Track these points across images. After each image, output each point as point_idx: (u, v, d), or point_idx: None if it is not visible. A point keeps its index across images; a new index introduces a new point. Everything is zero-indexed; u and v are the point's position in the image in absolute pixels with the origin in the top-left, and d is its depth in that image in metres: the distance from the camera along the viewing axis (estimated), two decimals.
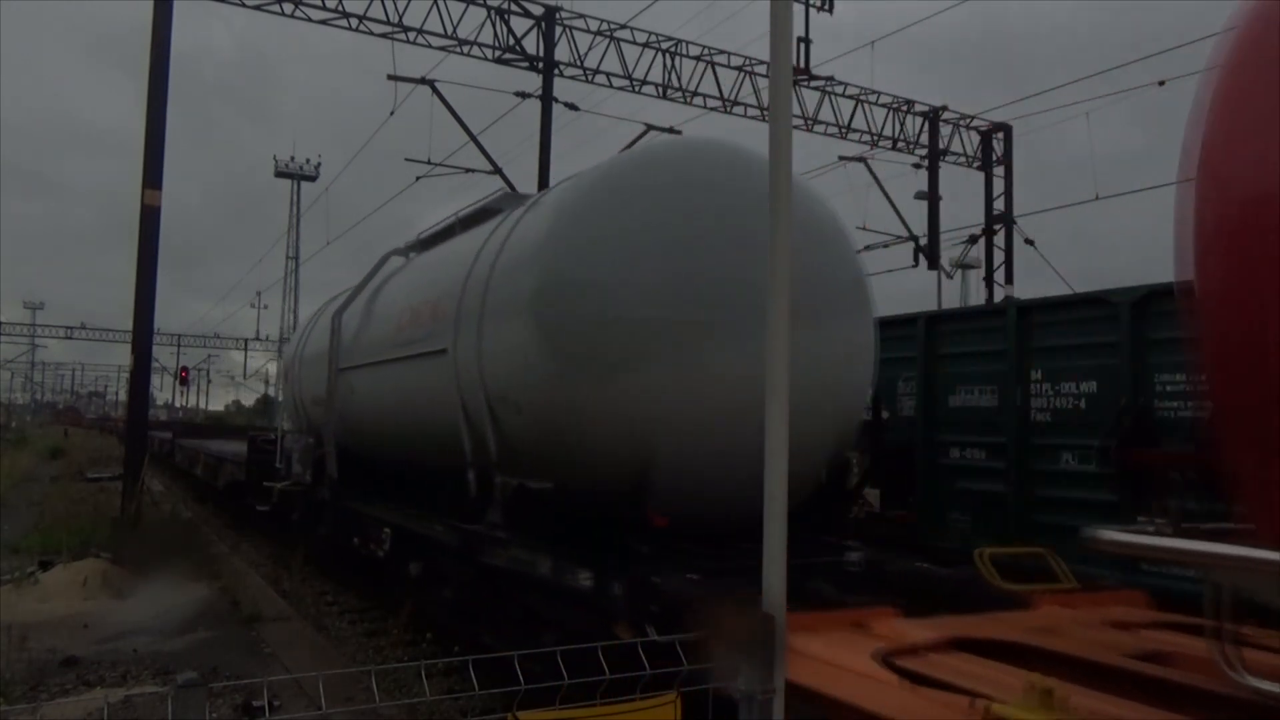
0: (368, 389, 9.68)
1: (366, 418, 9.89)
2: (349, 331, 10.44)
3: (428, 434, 8.01)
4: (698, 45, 20.06)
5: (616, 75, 19.31)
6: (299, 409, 13.05)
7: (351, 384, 10.13)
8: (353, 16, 17.07)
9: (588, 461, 5.72)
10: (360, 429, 10.13)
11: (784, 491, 2.89)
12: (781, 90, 3.04)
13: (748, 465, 4.91)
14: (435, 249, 9.61)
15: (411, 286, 9.15)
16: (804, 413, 5.03)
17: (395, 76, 16.85)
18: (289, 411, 13.34)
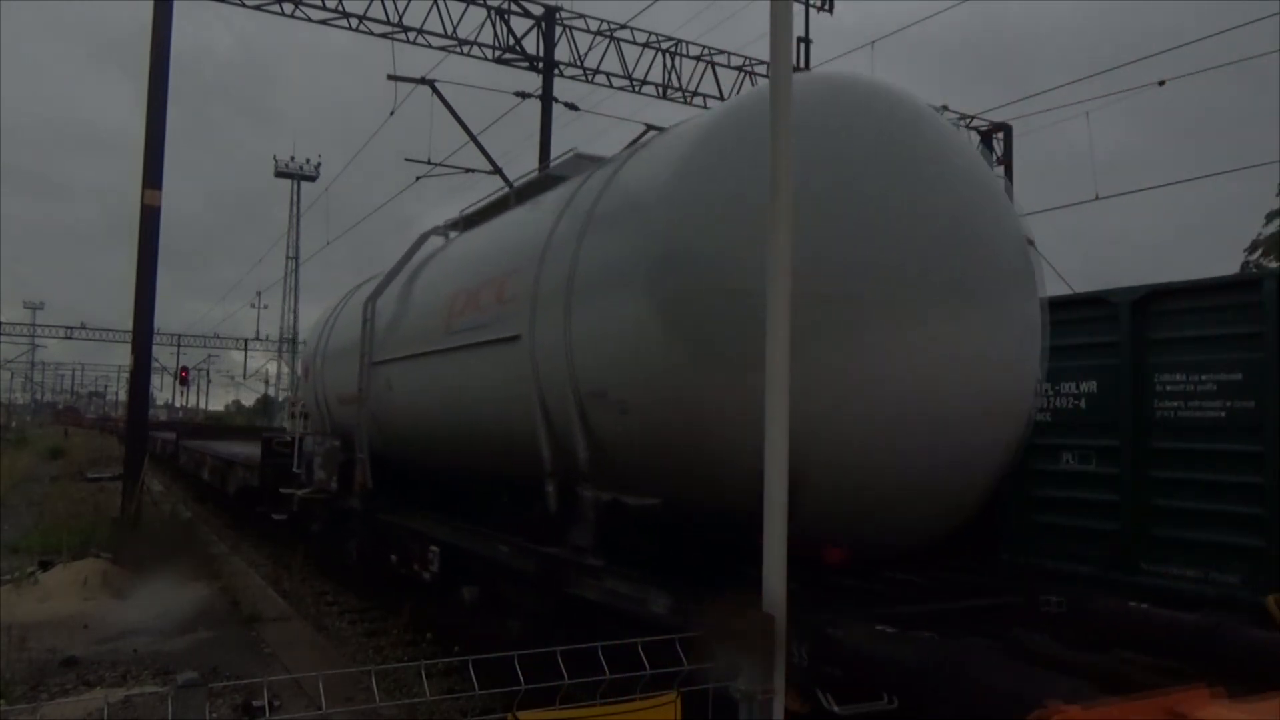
0: (408, 385, 8.45)
1: (406, 418, 8.70)
2: (383, 320, 9.23)
3: (489, 437, 6.92)
4: (698, 45, 20.08)
5: (616, 75, 19.32)
6: (322, 408, 11.69)
7: (388, 379, 8.88)
8: (353, 16, 17.08)
9: (710, 475, 4.58)
10: (399, 431, 8.96)
11: (784, 492, 2.90)
12: (781, 90, 3.05)
13: (919, 474, 4.37)
14: (487, 224, 8.38)
15: (464, 265, 7.87)
16: (973, 416, 4.42)
17: (395, 76, 16.79)
18: (310, 411, 11.96)
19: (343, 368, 10.43)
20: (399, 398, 8.68)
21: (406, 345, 8.39)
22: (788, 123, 3.06)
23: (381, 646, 8.54)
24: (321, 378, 11.74)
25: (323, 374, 11.66)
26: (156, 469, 26.18)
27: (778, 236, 3.00)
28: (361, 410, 9.30)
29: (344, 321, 11.31)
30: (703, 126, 5.18)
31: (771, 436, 2.92)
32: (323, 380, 11.66)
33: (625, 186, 5.53)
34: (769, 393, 2.96)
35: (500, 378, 6.42)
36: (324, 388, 11.59)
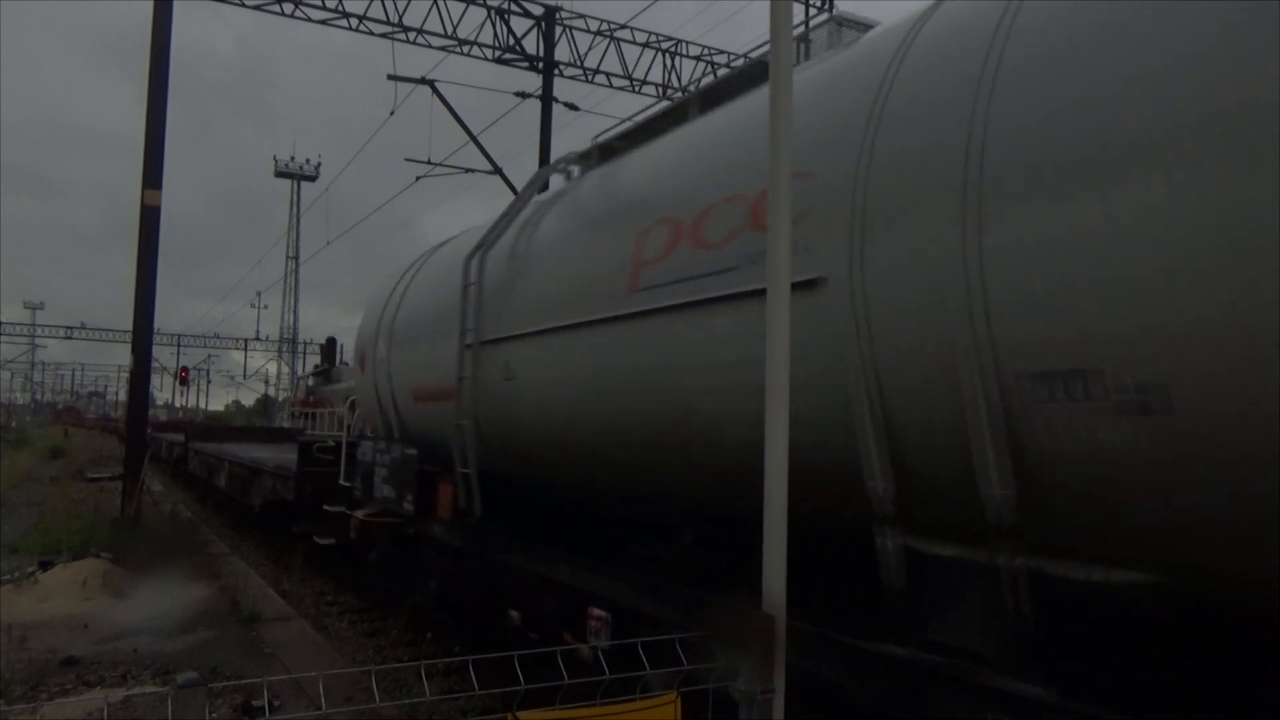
0: (547, 371, 5.96)
1: (541, 418, 6.17)
2: (497, 283, 6.79)
3: (724, 449, 4.37)
4: (698, 45, 20.10)
5: (616, 75, 19.34)
6: (386, 406, 9.11)
7: (507, 365, 6.39)
8: (353, 16, 17.09)
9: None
10: (525, 436, 6.39)
11: (784, 491, 2.89)
12: (781, 90, 3.04)
13: None
14: (667, 136, 5.91)
15: (655, 190, 5.30)
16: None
17: (395, 76, 16.85)
18: (367, 410, 9.83)
19: (424, 352, 8.09)
20: (527, 389, 6.19)
21: (543, 314, 5.95)
22: (788, 122, 3.05)
23: (381, 646, 8.54)
24: (387, 366, 9.02)
25: (389, 361, 8.98)
26: (164, 477, 25.84)
27: (778, 236, 2.99)
28: (462, 407, 6.90)
29: (423, 290, 8.68)
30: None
31: (772, 436, 2.91)
32: (388, 369, 8.97)
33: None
34: (769, 393, 2.96)
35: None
36: (391, 379, 8.90)
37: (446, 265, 8.26)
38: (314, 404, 38.92)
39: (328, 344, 45.70)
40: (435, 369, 7.64)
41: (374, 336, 9.64)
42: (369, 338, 9.85)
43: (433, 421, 7.81)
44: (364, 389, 9.95)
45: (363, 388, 10.03)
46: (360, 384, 10.22)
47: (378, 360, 9.35)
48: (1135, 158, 2.67)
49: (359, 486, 8.72)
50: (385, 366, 9.12)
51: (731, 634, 2.81)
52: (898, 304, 3.38)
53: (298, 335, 58.51)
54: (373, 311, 10.10)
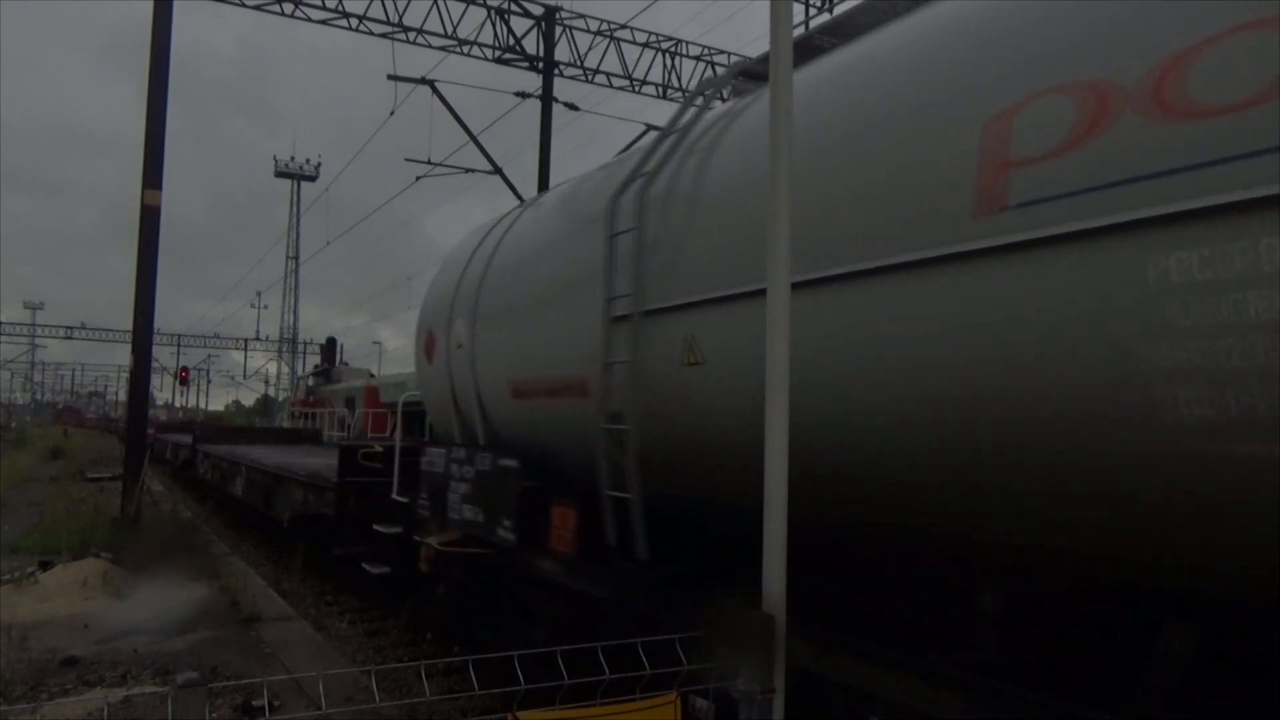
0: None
1: (751, 420, 3.68)
2: (671, 226, 4.75)
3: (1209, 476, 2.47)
4: (698, 45, 20.10)
5: (616, 75, 19.34)
6: (467, 403, 7.15)
7: (690, 342, 4.42)
8: (353, 16, 17.09)
9: None
10: (717, 445, 4.38)
11: (784, 491, 2.89)
12: (781, 90, 3.04)
13: None
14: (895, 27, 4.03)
15: (1016, 43, 3.15)
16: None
17: (395, 76, 16.85)
18: (436, 410, 7.95)
19: (530, 332, 6.13)
20: (726, 378, 4.18)
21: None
22: (788, 122, 3.05)
23: (381, 646, 8.55)
24: (469, 353, 7.06)
25: (473, 347, 7.02)
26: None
27: (778, 236, 2.99)
28: (609, 405, 4.90)
29: (527, 249, 6.63)
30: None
31: (772, 436, 2.91)
32: (471, 357, 7.02)
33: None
34: (769, 392, 2.96)
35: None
36: (476, 370, 6.94)
37: (570, 213, 6.23)
38: (314, 404, 38.97)
39: (328, 344, 45.76)
40: (550, 354, 5.77)
41: (447, 316, 7.57)
42: (439, 318, 7.79)
43: (541, 425, 6.01)
44: (432, 384, 7.93)
45: (430, 382, 8.02)
46: (426, 378, 8.18)
47: (454, 347, 7.36)
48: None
49: (425, 504, 7.16)
50: (467, 354, 7.07)
51: (732, 634, 2.81)
52: None
53: (298, 335, 58.55)
54: (444, 284, 7.98)
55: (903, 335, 3.28)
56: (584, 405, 5.29)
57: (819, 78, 4.22)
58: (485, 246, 7.51)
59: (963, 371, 3.07)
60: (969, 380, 3.06)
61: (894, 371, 3.32)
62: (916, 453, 3.32)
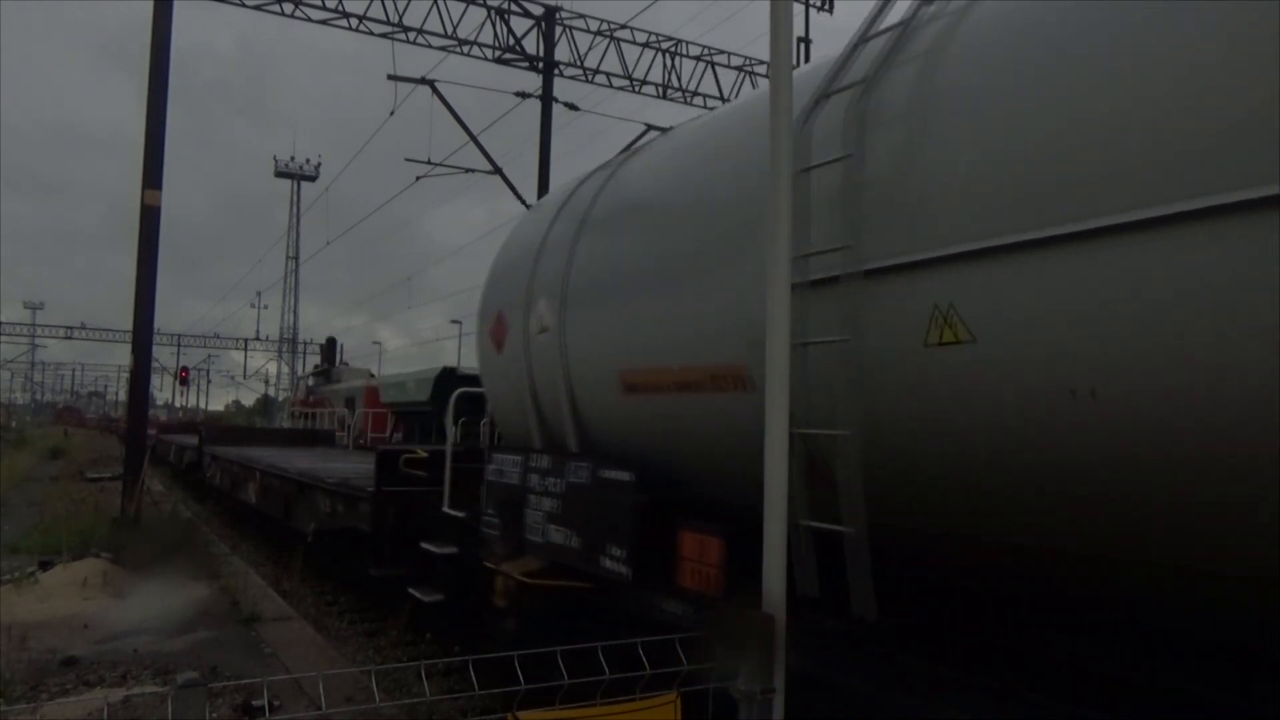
0: (1106, 319, 2.60)
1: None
2: (916, 154, 3.33)
3: None
4: (698, 45, 20.10)
5: (616, 75, 19.34)
6: (553, 400, 6.05)
7: (948, 313, 3.10)
8: (353, 16, 17.09)
9: None
10: (984, 461, 3.11)
11: (784, 491, 2.89)
12: (781, 90, 3.05)
13: None
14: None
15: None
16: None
17: (395, 76, 16.86)
18: (503, 407, 7.00)
19: (652, 307, 4.86)
20: (1001, 359, 2.94)
21: (1103, 194, 2.64)
22: (788, 122, 3.06)
23: (381, 646, 8.54)
24: (559, 339, 5.85)
25: (562, 331, 5.82)
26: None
27: (778, 235, 2.99)
28: (811, 401, 3.56)
29: (635, 207, 5.51)
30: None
31: (771, 435, 2.92)
32: (561, 344, 5.83)
33: None
34: (769, 391, 2.96)
35: None
36: (568, 359, 5.78)
37: (714, 150, 4.93)
38: (314, 404, 38.96)
39: (328, 344, 45.77)
40: (684, 336, 4.55)
41: (523, 295, 6.37)
42: (512, 297, 6.61)
43: (665, 428, 4.82)
44: (501, 377, 6.80)
45: (498, 375, 6.86)
46: (493, 370, 7.00)
47: (534, 332, 6.18)
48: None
49: (493, 522, 6.10)
50: (553, 340, 5.89)
51: (732, 634, 2.81)
52: None
53: (298, 335, 58.58)
54: (516, 256, 6.85)
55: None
56: (739, 402, 4.07)
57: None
58: (574, 206, 6.17)
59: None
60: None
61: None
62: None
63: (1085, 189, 2.66)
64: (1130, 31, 2.71)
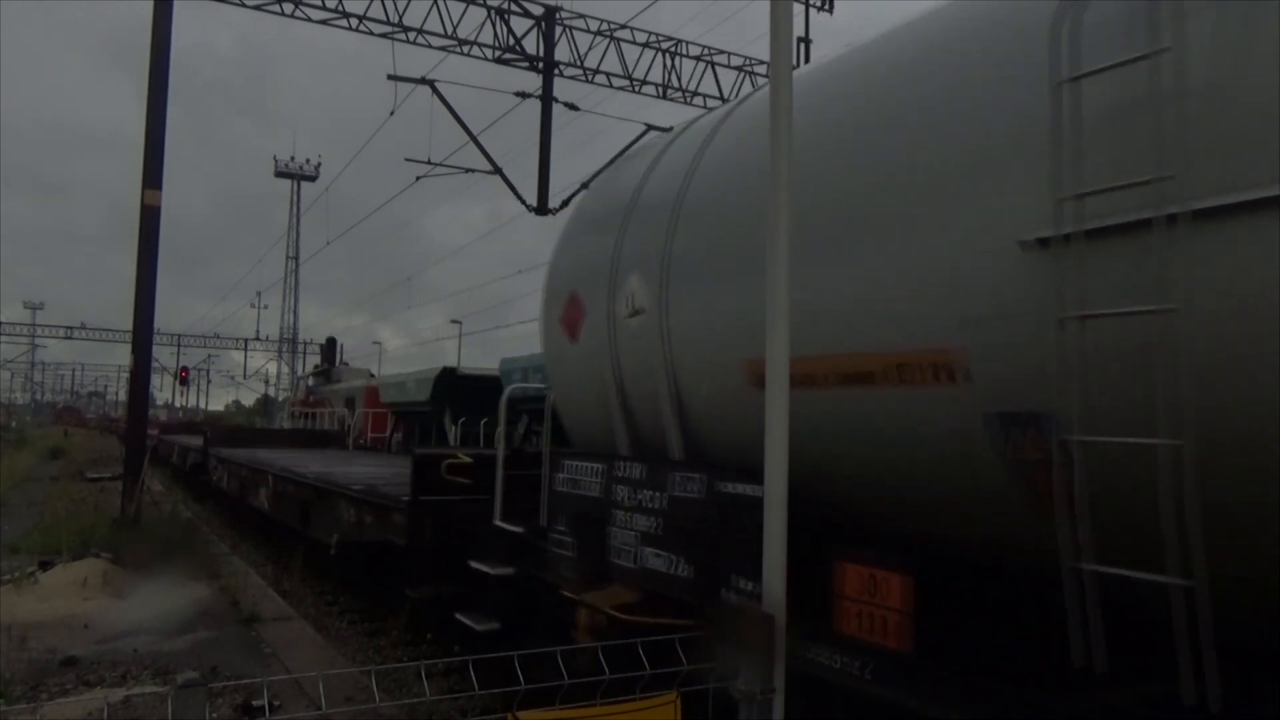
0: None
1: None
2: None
3: None
4: (698, 45, 20.08)
5: (616, 75, 19.32)
6: (646, 397, 5.19)
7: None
8: (353, 16, 17.08)
9: None
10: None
11: (784, 491, 2.89)
12: (781, 90, 3.04)
13: None
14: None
15: None
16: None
17: (395, 76, 16.86)
18: (576, 405, 6.09)
19: (801, 279, 3.51)
20: None
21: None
22: (788, 122, 3.05)
23: (381, 646, 8.54)
24: (659, 322, 5.00)
25: (663, 312, 4.98)
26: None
27: (778, 236, 2.99)
28: (1082, 396, 2.63)
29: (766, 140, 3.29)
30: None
31: (771, 435, 2.91)
32: (662, 329, 4.98)
33: None
34: (769, 391, 2.96)
35: None
36: (670, 347, 4.92)
37: (893, 75, 3.83)
38: (314, 404, 38.98)
39: (328, 344, 45.78)
40: (852, 312, 3.64)
41: (608, 271, 5.45)
42: (591, 275, 5.68)
43: (816, 431, 3.77)
44: (576, 370, 5.88)
45: (572, 367, 5.94)
46: (565, 360, 6.04)
47: (623, 315, 5.25)
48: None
49: (566, 541, 5.25)
50: (651, 325, 4.99)
51: (732, 634, 2.81)
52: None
53: (298, 335, 58.55)
54: (596, 225, 5.93)
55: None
56: (943, 400, 3.20)
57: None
58: (676, 156, 5.26)
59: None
60: None
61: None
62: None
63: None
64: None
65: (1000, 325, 2.90)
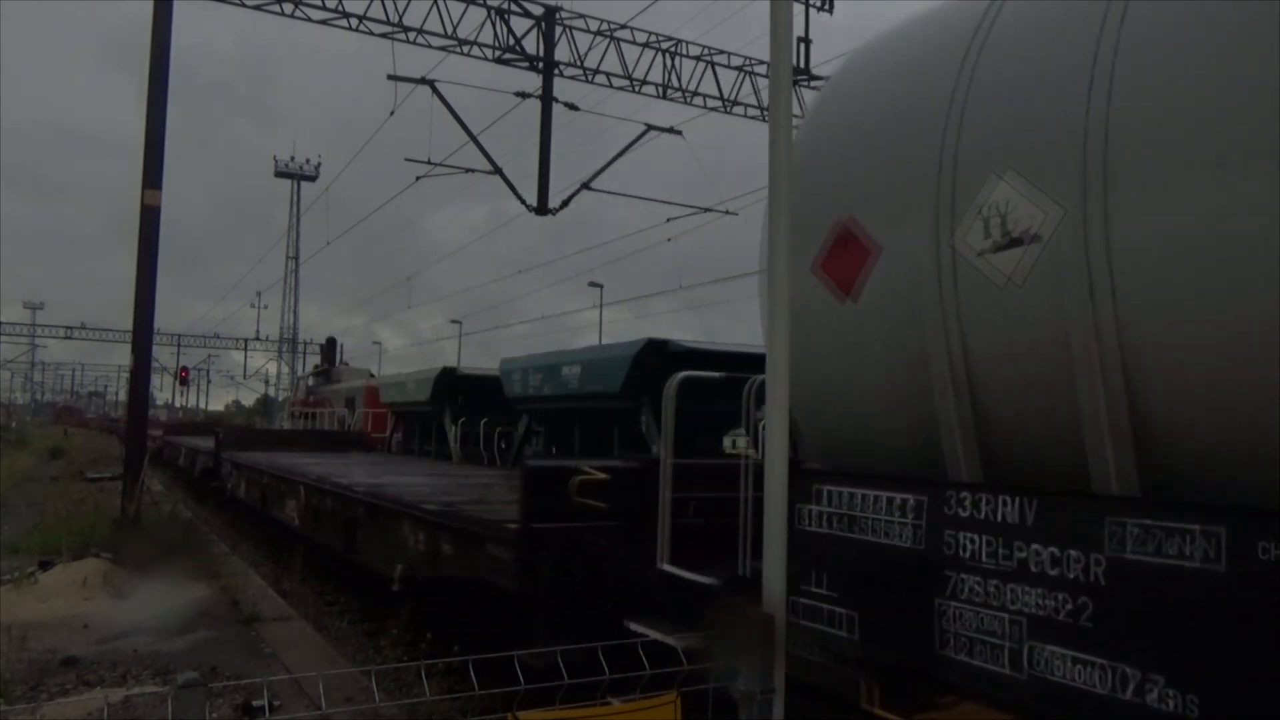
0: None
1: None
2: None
3: None
4: (698, 45, 20.07)
5: (616, 75, 19.31)
6: (1027, 379, 3.28)
7: None
8: (353, 16, 17.08)
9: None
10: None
11: (784, 491, 2.89)
12: (781, 90, 3.05)
13: None
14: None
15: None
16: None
17: (395, 76, 16.87)
18: (831, 393, 4.13)
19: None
20: None
21: None
22: (788, 122, 3.06)
23: (381, 646, 8.53)
24: (1084, 238, 3.02)
25: (1104, 234, 2.97)
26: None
27: (777, 235, 2.99)
28: None
29: None
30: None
31: (771, 435, 2.91)
32: (1107, 257, 2.96)
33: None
34: (769, 390, 2.96)
35: None
36: (1113, 290, 2.95)
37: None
38: (314, 404, 38.97)
39: (328, 344, 45.78)
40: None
41: (933, 184, 3.62)
42: (899, 191, 3.81)
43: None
44: (847, 342, 4.01)
45: (841, 339, 4.03)
46: (828, 331, 4.07)
47: (976, 251, 3.43)
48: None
49: (842, 617, 3.50)
50: (1073, 258, 3.08)
51: (732, 634, 2.81)
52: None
53: (298, 335, 58.53)
54: (891, 106, 4.00)
55: None
56: None
57: None
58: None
59: None
60: None
61: None
62: None
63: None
64: None
65: None
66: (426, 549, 7.06)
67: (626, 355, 11.38)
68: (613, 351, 12.21)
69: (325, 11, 16.90)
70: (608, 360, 11.93)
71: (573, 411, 13.18)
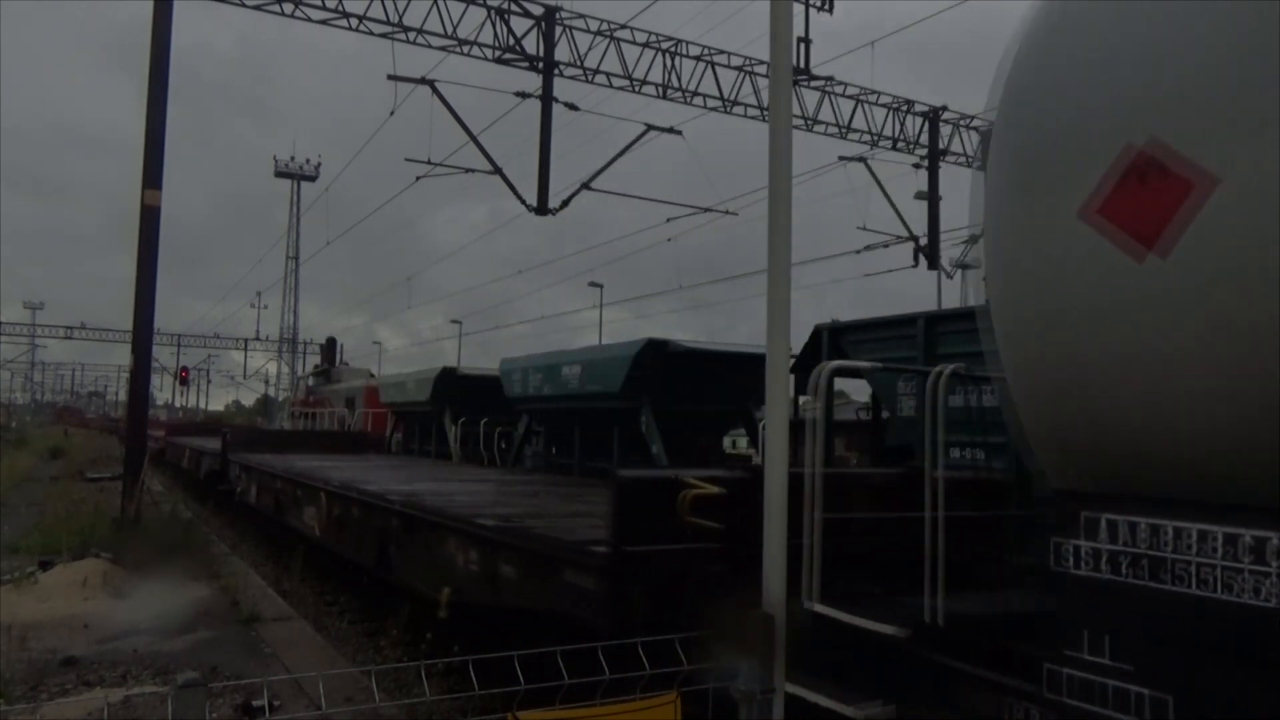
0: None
1: None
2: None
3: None
4: (698, 45, 20.08)
5: (616, 75, 19.31)
6: None
7: None
8: (353, 16, 17.08)
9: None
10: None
11: (784, 491, 2.90)
12: (781, 90, 3.05)
13: None
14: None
15: None
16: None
17: (395, 76, 16.88)
18: (1126, 393, 2.81)
19: None
20: None
21: None
22: (788, 122, 3.06)
23: (381, 646, 8.53)
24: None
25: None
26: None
27: (778, 235, 3.00)
28: None
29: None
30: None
31: (772, 435, 2.92)
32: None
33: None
34: (769, 390, 2.96)
35: None
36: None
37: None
38: (314, 404, 38.99)
39: (328, 344, 45.81)
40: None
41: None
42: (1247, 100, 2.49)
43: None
44: (1151, 318, 2.74)
45: (1136, 314, 2.77)
46: (1111, 304, 2.83)
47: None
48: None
49: (1147, 700, 2.53)
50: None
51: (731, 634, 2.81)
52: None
53: (298, 335, 58.55)
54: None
55: None
56: None
57: None
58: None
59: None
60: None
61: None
62: None
63: None
64: None
65: None
66: (480, 571, 6.07)
67: (626, 355, 11.39)
68: (613, 351, 12.24)
69: (325, 11, 16.90)
70: (608, 360, 11.94)
71: (573, 411, 13.19)
